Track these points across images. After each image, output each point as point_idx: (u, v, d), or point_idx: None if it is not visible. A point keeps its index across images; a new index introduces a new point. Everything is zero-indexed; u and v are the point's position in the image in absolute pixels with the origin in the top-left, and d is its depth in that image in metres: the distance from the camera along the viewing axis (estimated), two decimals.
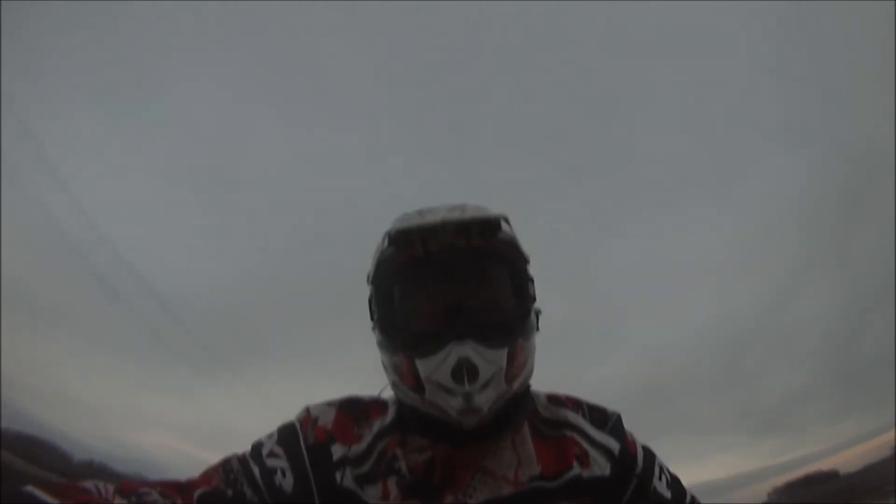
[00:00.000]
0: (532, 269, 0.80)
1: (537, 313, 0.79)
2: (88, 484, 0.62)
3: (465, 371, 0.66)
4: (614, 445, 0.78)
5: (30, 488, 0.57)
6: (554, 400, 0.83)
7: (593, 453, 0.77)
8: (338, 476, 0.73)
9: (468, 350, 0.67)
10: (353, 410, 0.81)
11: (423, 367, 0.69)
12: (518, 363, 0.72)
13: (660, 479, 0.79)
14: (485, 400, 0.68)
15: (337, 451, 0.75)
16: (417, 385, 0.70)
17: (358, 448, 0.76)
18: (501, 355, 0.69)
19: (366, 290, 0.82)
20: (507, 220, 0.75)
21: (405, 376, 0.72)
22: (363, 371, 0.85)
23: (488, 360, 0.68)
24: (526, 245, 0.80)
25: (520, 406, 0.78)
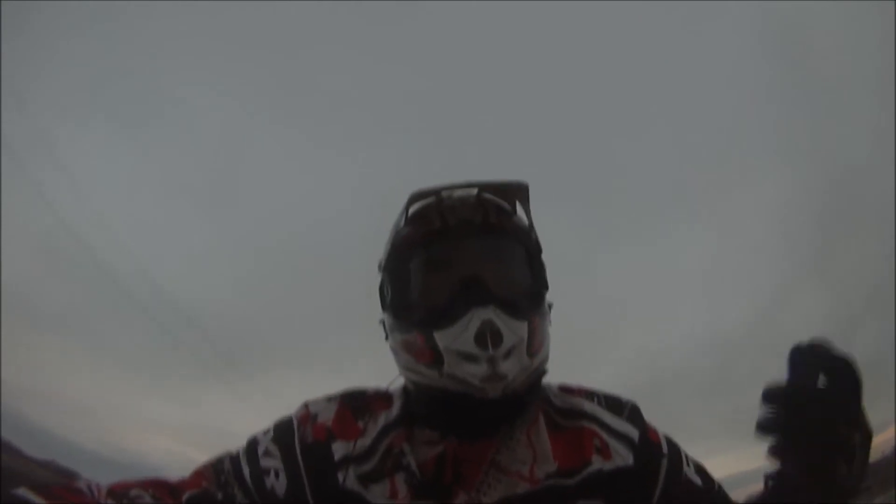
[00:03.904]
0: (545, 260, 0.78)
1: (549, 305, 0.77)
2: (81, 484, 0.61)
3: (489, 335, 0.64)
4: (633, 433, 0.74)
5: (22, 491, 0.55)
6: (566, 390, 0.80)
7: (613, 443, 0.72)
8: (340, 477, 0.69)
9: (491, 314, 0.64)
10: (355, 403, 0.78)
11: (443, 337, 0.66)
12: (537, 339, 0.69)
13: (688, 465, 0.75)
14: (509, 367, 0.65)
15: (338, 449, 0.71)
16: (436, 359, 0.66)
17: (362, 443, 0.72)
18: (523, 326, 0.67)
19: (371, 297, 0.79)
20: (526, 189, 0.75)
21: (420, 353, 0.68)
22: (373, 381, 0.81)
23: (511, 329, 0.65)
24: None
25: (533, 393, 0.74)
